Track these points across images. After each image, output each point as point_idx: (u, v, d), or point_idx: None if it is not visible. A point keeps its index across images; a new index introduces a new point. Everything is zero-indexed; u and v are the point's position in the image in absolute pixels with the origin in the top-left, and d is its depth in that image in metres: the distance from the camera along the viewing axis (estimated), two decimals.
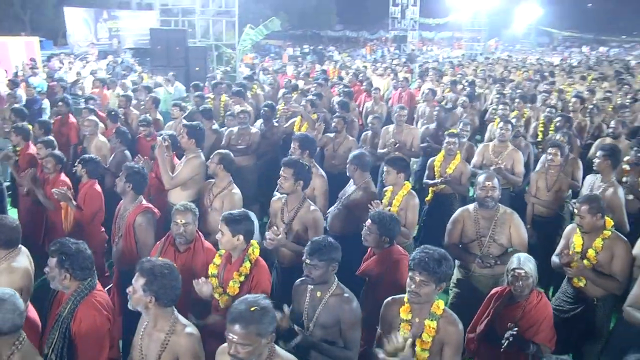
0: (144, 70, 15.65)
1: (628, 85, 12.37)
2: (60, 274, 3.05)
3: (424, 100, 9.34)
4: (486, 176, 4.31)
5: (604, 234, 3.95)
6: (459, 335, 2.93)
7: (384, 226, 3.70)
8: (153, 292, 2.69)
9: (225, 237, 3.39)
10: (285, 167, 4.17)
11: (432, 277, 2.84)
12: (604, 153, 5.08)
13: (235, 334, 2.36)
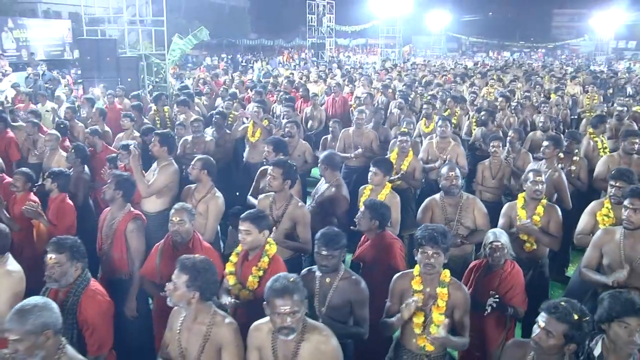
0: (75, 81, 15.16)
1: (539, 85, 13.56)
2: (72, 266, 3.23)
3: (363, 104, 9.80)
4: (448, 167, 4.84)
5: (542, 203, 4.64)
6: (466, 298, 3.37)
7: (374, 210, 4.10)
8: (197, 288, 2.87)
9: (253, 234, 3.59)
10: (274, 167, 4.43)
11: (441, 248, 3.26)
12: (552, 142, 5.73)
13: (286, 305, 2.66)
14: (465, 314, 3.36)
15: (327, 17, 33.65)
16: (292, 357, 2.79)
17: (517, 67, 23.42)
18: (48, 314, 2.57)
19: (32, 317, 2.50)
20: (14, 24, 28.84)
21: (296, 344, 2.79)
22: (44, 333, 2.53)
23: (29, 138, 7.64)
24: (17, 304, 2.61)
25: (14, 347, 2.48)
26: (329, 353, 2.79)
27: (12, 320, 2.51)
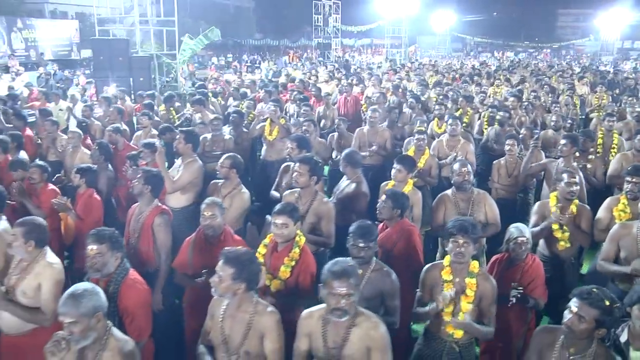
0: (88, 81, 15.33)
1: (548, 85, 13.65)
2: (112, 255, 3.36)
3: (376, 103, 9.91)
4: (460, 163, 5.01)
5: (575, 202, 4.73)
6: (493, 289, 3.50)
7: (396, 200, 4.30)
8: (243, 280, 2.98)
9: (289, 227, 3.76)
10: (301, 164, 4.59)
11: (471, 238, 3.40)
12: (569, 141, 5.86)
13: (343, 287, 2.80)
14: (492, 304, 3.50)
15: (333, 17, 33.76)
16: (342, 343, 2.91)
17: (523, 68, 23.49)
18: (97, 297, 2.73)
19: (85, 300, 2.66)
20: (23, 24, 29.00)
21: (346, 330, 2.91)
22: (96, 315, 2.68)
23: (48, 136, 7.78)
24: (67, 290, 2.74)
25: (70, 330, 2.62)
26: (378, 339, 2.91)
27: (66, 305, 2.65)
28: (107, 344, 2.75)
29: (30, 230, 3.59)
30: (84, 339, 2.66)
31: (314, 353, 3.02)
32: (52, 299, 3.47)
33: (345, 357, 2.89)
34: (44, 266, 3.58)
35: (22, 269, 3.60)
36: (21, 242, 3.56)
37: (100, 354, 2.72)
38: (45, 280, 3.52)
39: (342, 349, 2.91)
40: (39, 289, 3.51)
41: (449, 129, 6.93)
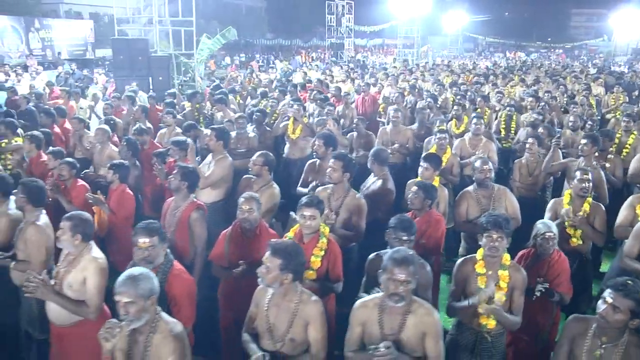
0: (109, 80, 15.55)
1: (564, 86, 13.71)
2: (161, 247, 3.52)
3: (394, 103, 10.03)
4: (482, 161, 5.19)
5: (588, 200, 4.89)
6: (524, 280, 3.65)
7: (427, 191, 4.50)
8: (291, 270, 3.13)
9: (317, 219, 3.94)
10: (335, 160, 4.75)
11: (504, 233, 3.54)
12: (590, 140, 5.98)
13: (402, 273, 2.96)
14: (521, 295, 3.64)
15: (346, 18, 33.86)
16: (398, 329, 3.06)
17: (537, 68, 23.51)
18: (153, 281, 2.89)
19: (142, 282, 2.81)
20: (40, 24, 29.37)
21: (402, 316, 3.06)
22: (150, 298, 2.83)
23: (75, 134, 7.97)
24: (125, 272, 2.90)
25: (126, 309, 2.77)
26: (432, 325, 3.06)
27: (125, 285, 2.80)
28: (157, 327, 2.88)
29: (77, 225, 3.73)
30: (138, 319, 2.79)
31: (367, 341, 3.14)
32: (96, 293, 3.64)
33: (402, 342, 3.03)
34: (89, 260, 3.72)
35: (68, 262, 3.74)
36: (69, 236, 3.70)
37: (151, 336, 2.86)
38: (90, 274, 3.66)
39: (399, 334, 3.06)
40: (84, 283, 3.65)
41: (473, 128, 7.07)
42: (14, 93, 12.75)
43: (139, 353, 2.88)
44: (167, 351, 2.82)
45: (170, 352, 2.82)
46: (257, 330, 3.34)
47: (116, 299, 2.81)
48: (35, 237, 4.26)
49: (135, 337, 2.88)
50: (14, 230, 4.56)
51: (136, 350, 2.88)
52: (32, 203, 4.41)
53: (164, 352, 2.83)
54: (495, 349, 3.72)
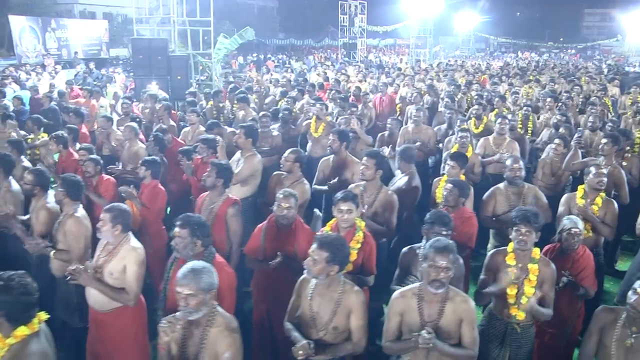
0: (128, 77, 15.75)
1: (579, 86, 13.74)
2: (192, 241, 3.61)
3: (412, 103, 10.14)
4: (513, 159, 5.34)
5: (601, 195, 5.05)
6: (553, 273, 3.79)
7: (462, 189, 4.65)
8: (337, 262, 3.27)
9: (353, 212, 4.09)
10: (368, 158, 4.91)
11: (533, 227, 3.67)
12: (610, 140, 6.09)
13: (444, 260, 3.10)
14: (551, 288, 3.76)
15: (359, 18, 33.96)
16: (437, 316, 3.20)
17: (550, 69, 23.51)
18: (213, 275, 2.97)
19: (204, 276, 2.90)
20: (57, 24, 29.71)
21: (441, 304, 3.20)
22: (210, 292, 2.92)
23: (103, 132, 8.15)
24: (187, 265, 2.99)
25: (186, 302, 2.84)
26: (468, 311, 3.20)
27: (187, 278, 2.87)
28: (214, 321, 2.95)
29: (117, 216, 3.91)
30: (197, 312, 2.87)
31: (406, 329, 3.27)
32: (135, 281, 3.82)
33: (441, 329, 3.16)
34: (128, 250, 3.90)
35: (108, 252, 3.92)
36: (109, 227, 3.88)
37: (207, 329, 2.93)
38: (130, 263, 3.84)
39: (439, 321, 3.19)
40: (124, 271, 3.83)
41: (498, 128, 7.16)
42: (36, 92, 13.01)
43: (193, 345, 2.95)
44: (225, 345, 2.90)
45: (227, 347, 2.89)
46: (299, 320, 3.47)
47: (177, 291, 2.89)
48: (74, 228, 4.46)
49: (191, 329, 2.95)
50: (52, 222, 4.77)
51: (191, 342, 2.96)
52: (71, 196, 4.62)
53: (221, 347, 2.90)
54: (523, 340, 3.85)
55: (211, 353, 2.91)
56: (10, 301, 2.71)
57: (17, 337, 2.73)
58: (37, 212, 4.88)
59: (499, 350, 3.84)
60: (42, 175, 5.02)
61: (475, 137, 7.83)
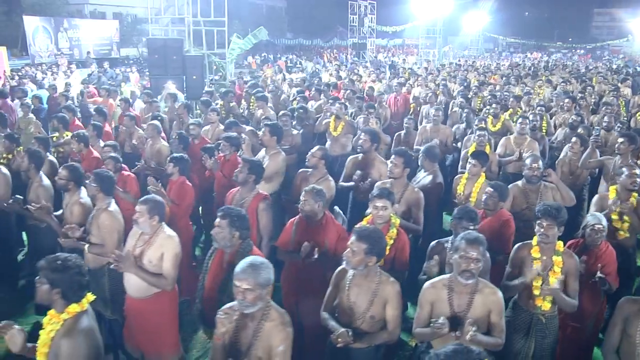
0: (142, 77, 15.94)
1: (591, 87, 13.82)
2: (230, 232, 3.74)
3: (427, 103, 10.25)
4: (532, 159, 5.44)
5: (634, 195, 5.09)
6: (577, 265, 3.91)
7: (502, 193, 4.75)
8: (375, 253, 3.41)
9: (388, 209, 4.25)
10: (396, 156, 5.07)
11: (555, 221, 3.81)
12: (627, 139, 6.19)
13: (474, 252, 3.25)
14: (575, 280, 3.89)
15: (369, 18, 34.11)
16: (466, 307, 3.33)
17: (561, 69, 23.56)
18: (271, 272, 3.05)
19: (263, 272, 2.98)
20: (69, 24, 30.02)
21: (471, 295, 3.33)
22: (267, 287, 3.00)
23: (126, 131, 8.31)
24: (246, 260, 3.07)
25: (244, 295, 2.92)
26: (497, 302, 3.34)
27: (245, 272, 2.94)
28: (269, 315, 3.03)
29: (154, 207, 4.09)
30: (253, 306, 2.94)
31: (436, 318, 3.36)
32: (172, 267, 3.99)
33: (472, 319, 3.26)
34: (165, 238, 4.07)
35: (145, 241, 4.09)
36: (146, 218, 4.05)
37: (262, 323, 3.01)
38: (167, 250, 4.02)
39: (468, 312, 3.32)
40: (162, 259, 4.01)
41: (519, 127, 7.25)
42: (55, 91, 13.20)
43: (246, 337, 3.03)
44: (279, 339, 2.98)
45: (282, 340, 2.99)
46: (336, 309, 3.60)
47: (235, 284, 2.96)
48: (108, 222, 4.60)
49: (246, 322, 3.04)
50: (86, 216, 4.92)
51: (244, 333, 3.04)
52: (104, 191, 4.76)
53: (275, 340, 2.98)
54: (548, 330, 3.97)
55: (265, 346, 3.00)
56: (67, 280, 2.94)
57: (70, 313, 2.95)
58: (71, 207, 5.02)
59: (525, 341, 3.96)
60: (76, 170, 5.17)
61: (492, 136, 7.93)
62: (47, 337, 2.94)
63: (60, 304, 2.95)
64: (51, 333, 2.94)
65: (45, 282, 2.95)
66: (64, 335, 2.89)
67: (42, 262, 3.02)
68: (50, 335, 2.94)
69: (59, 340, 2.89)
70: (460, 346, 2.24)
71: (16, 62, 26.19)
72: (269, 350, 2.99)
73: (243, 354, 3.03)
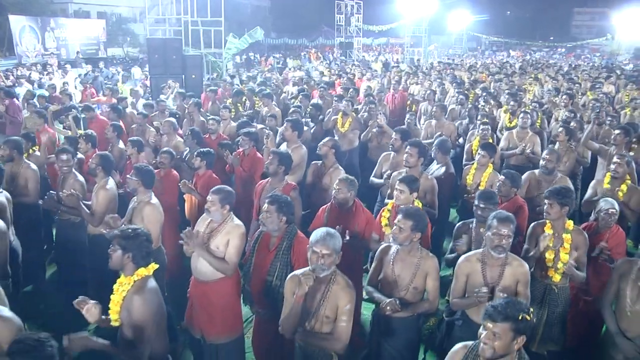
0: (145, 78, 16.12)
1: (578, 84, 14.38)
2: (278, 217, 4.08)
3: (426, 100, 10.67)
4: (548, 151, 5.89)
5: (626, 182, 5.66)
6: (586, 240, 4.35)
7: (514, 180, 5.17)
8: (419, 230, 3.81)
9: (406, 194, 4.63)
10: (411, 147, 5.47)
11: (556, 200, 4.29)
12: (622, 131, 6.74)
13: (505, 228, 3.66)
14: (583, 254, 4.32)
15: (356, 17, 34.49)
16: (497, 278, 3.75)
17: (547, 67, 24.22)
18: (340, 241, 3.52)
19: (336, 240, 3.46)
20: (55, 24, 29.86)
21: (501, 267, 3.75)
22: (339, 254, 3.47)
23: (139, 128, 8.57)
24: (322, 229, 3.52)
25: (323, 260, 3.38)
26: (524, 274, 3.76)
27: (325, 240, 3.41)
28: (336, 279, 3.49)
29: (225, 197, 4.30)
30: (328, 269, 3.41)
31: (470, 289, 3.82)
32: (235, 254, 4.23)
33: (501, 288, 3.68)
34: (232, 227, 4.28)
35: (212, 229, 4.30)
36: (218, 207, 4.25)
37: (330, 286, 3.46)
38: (233, 237, 4.23)
39: (499, 283, 3.73)
40: (227, 245, 4.23)
41: (521, 122, 7.68)
42: (54, 90, 13.37)
43: (316, 299, 3.47)
44: (345, 300, 3.43)
45: (348, 301, 3.43)
46: (380, 283, 3.97)
47: (315, 250, 3.41)
48: (152, 214, 4.89)
49: (316, 286, 3.44)
50: (109, 203, 5.30)
51: (314, 295, 3.46)
52: (145, 185, 5.02)
53: (342, 301, 3.43)
54: (560, 300, 4.40)
55: (332, 306, 3.45)
56: (138, 245, 3.37)
57: (139, 275, 3.37)
58: (97, 191, 5.34)
59: (538, 310, 4.37)
60: (107, 158, 5.50)
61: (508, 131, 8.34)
62: (119, 297, 3.34)
63: (130, 267, 3.36)
64: (123, 293, 3.34)
65: (119, 249, 3.35)
66: (134, 292, 3.29)
67: (115, 231, 3.49)
68: (122, 295, 3.34)
69: (130, 296, 3.29)
70: (511, 299, 2.83)
71: (2, 62, 26.06)
72: (335, 310, 3.43)
73: (312, 314, 3.48)
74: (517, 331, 2.71)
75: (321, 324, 3.49)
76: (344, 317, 3.42)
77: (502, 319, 2.70)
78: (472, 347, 2.91)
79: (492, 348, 2.71)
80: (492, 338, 2.71)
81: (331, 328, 3.48)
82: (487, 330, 2.74)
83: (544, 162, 5.77)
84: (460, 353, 2.96)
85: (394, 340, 3.92)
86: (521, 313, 2.70)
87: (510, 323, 2.68)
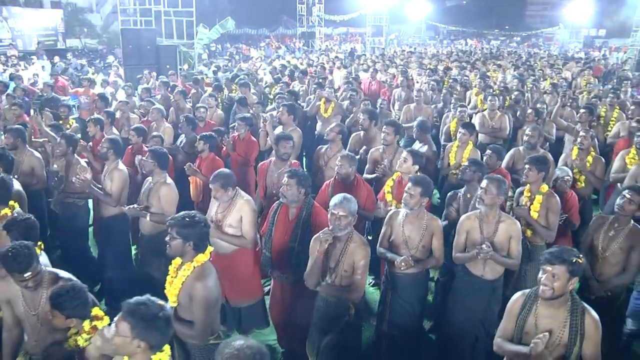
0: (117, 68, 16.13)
1: (541, 70, 15.28)
2: (297, 189, 4.46)
3: (401, 86, 11.23)
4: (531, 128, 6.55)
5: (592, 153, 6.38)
6: (557, 203, 4.94)
7: (498, 153, 5.88)
8: (428, 195, 4.34)
9: (409, 162, 5.19)
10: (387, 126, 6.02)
11: (535, 166, 4.94)
12: (587, 110, 7.70)
13: (494, 187, 4.25)
14: (554, 215, 4.90)
15: (317, 7, 34.86)
16: (493, 233, 4.31)
17: (508, 55, 25.24)
18: (356, 205, 3.94)
19: (352, 204, 3.89)
20: (8, 13, 28.93)
21: (496, 224, 4.33)
22: (355, 216, 3.92)
23: (123, 116, 8.80)
24: (340, 194, 3.96)
25: (339, 221, 3.81)
26: (516, 230, 4.32)
27: (342, 203, 3.84)
28: (352, 238, 3.95)
29: (225, 181, 4.64)
30: (344, 230, 3.85)
31: (470, 244, 4.38)
32: (250, 227, 4.63)
33: (495, 244, 4.25)
34: (242, 204, 4.67)
35: (224, 208, 4.69)
36: (222, 192, 4.62)
37: (348, 244, 3.93)
38: (245, 213, 4.63)
39: (494, 238, 4.30)
40: (241, 221, 4.63)
41: (489, 104, 8.44)
42: (21, 81, 13.27)
43: (335, 255, 3.95)
44: (361, 256, 3.91)
45: (363, 257, 3.91)
46: (391, 244, 4.47)
47: (332, 211, 3.84)
48: (168, 194, 5.22)
49: (335, 244, 3.92)
50: (124, 182, 5.63)
51: (334, 252, 3.96)
52: (160, 167, 5.34)
53: (357, 257, 3.90)
54: (534, 255, 4.96)
55: (350, 261, 3.93)
56: (197, 232, 3.50)
57: (198, 261, 3.53)
58: (111, 173, 5.64)
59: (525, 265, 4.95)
60: (116, 142, 5.81)
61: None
62: (178, 282, 3.50)
63: (190, 254, 3.50)
64: (182, 278, 3.48)
65: (178, 237, 3.45)
66: (196, 279, 3.44)
67: (171, 220, 3.55)
68: (181, 279, 3.49)
69: (192, 282, 3.44)
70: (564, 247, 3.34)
71: None
72: (352, 265, 3.92)
73: (332, 270, 3.98)
74: (572, 273, 3.06)
75: (340, 278, 3.98)
76: (359, 271, 3.91)
77: (560, 261, 3.06)
78: (529, 294, 3.33)
79: (552, 289, 3.09)
80: (551, 279, 3.09)
81: (349, 282, 3.96)
82: (546, 273, 3.12)
83: (527, 138, 6.43)
84: (519, 300, 3.34)
85: (406, 294, 4.45)
86: (575, 257, 3.09)
87: (566, 265, 3.04)
